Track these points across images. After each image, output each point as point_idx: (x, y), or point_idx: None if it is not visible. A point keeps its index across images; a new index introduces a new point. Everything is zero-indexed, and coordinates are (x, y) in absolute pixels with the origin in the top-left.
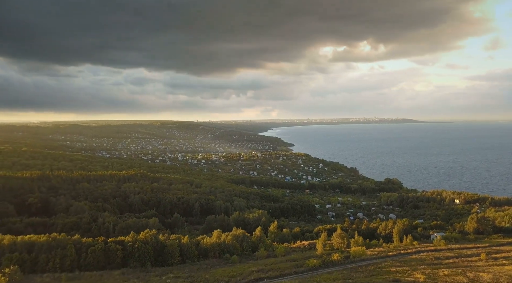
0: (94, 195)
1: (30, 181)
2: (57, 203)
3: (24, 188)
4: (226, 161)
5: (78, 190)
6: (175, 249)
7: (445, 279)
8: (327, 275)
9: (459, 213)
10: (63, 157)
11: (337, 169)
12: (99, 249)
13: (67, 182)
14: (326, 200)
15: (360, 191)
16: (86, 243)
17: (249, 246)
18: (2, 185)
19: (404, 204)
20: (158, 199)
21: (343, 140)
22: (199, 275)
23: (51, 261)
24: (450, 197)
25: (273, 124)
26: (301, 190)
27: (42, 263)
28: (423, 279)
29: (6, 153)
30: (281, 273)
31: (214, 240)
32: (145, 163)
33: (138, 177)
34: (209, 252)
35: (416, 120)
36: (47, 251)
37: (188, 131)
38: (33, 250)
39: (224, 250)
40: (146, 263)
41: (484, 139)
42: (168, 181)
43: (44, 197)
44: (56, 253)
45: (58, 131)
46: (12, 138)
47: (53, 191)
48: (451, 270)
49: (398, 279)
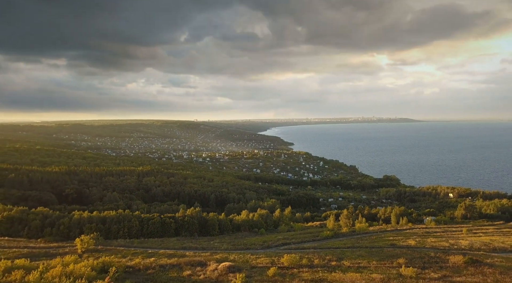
0: (120, 187)
1: (61, 175)
2: (91, 193)
3: (59, 180)
4: (230, 159)
5: (105, 182)
6: (215, 223)
7: (431, 244)
8: (339, 242)
9: (452, 205)
10: (76, 155)
11: (337, 167)
12: (157, 222)
13: (93, 176)
14: (328, 194)
15: (360, 187)
16: (145, 217)
17: (272, 223)
18: (41, 178)
19: (401, 198)
20: (177, 191)
21: (342, 139)
22: (238, 241)
23: (121, 230)
24: (445, 191)
25: (271, 123)
26: (303, 186)
27: (114, 231)
28: (414, 243)
29: (23, 151)
30: (302, 240)
31: (244, 218)
32: (154, 161)
33: (154, 172)
34: (241, 226)
35: (414, 120)
36: (116, 223)
37: (189, 131)
38: (106, 222)
39: (253, 225)
40: (193, 233)
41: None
42: (182, 176)
43: (78, 188)
44: (124, 224)
45: (62, 131)
46: (19, 137)
47: (83, 184)
48: (436, 239)
49: (395, 243)
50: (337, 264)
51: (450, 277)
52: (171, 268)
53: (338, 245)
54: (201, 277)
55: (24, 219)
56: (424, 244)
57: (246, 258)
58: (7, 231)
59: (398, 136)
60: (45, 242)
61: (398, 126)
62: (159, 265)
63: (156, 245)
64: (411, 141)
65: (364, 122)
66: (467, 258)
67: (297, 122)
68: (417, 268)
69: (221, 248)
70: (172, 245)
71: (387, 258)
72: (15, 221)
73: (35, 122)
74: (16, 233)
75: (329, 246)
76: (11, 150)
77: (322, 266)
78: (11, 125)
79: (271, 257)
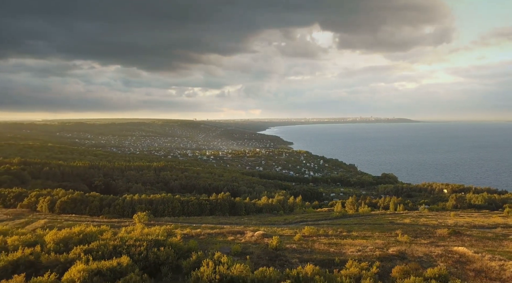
0: (141, 180)
1: (87, 169)
2: (117, 185)
3: (87, 173)
4: (233, 157)
5: (127, 176)
6: (242, 205)
7: (423, 222)
8: (347, 220)
9: (445, 199)
10: (87, 152)
11: (337, 165)
12: (196, 203)
13: (115, 170)
14: (329, 190)
15: (359, 184)
16: (184, 200)
17: (288, 207)
18: (71, 171)
19: (399, 193)
20: (192, 184)
21: (341, 139)
22: (263, 219)
23: (166, 210)
24: (439, 187)
25: (270, 123)
26: (305, 183)
27: (160, 211)
28: (409, 221)
29: (37, 148)
30: (316, 219)
31: (264, 202)
32: (161, 158)
33: (169, 167)
34: (263, 209)
35: (412, 120)
36: (161, 204)
37: (190, 130)
38: (153, 203)
39: (272, 208)
40: (225, 213)
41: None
42: (195, 171)
43: (105, 180)
44: (167, 205)
45: (65, 129)
46: (25, 136)
47: (108, 177)
48: (427, 219)
49: (393, 221)
50: (348, 234)
51: (436, 243)
52: (216, 235)
53: (347, 223)
54: (242, 241)
55: (84, 200)
56: (417, 222)
57: (273, 229)
58: (71, 210)
59: (397, 136)
60: (106, 218)
61: (396, 126)
62: (207, 233)
63: (197, 221)
64: (409, 141)
65: (362, 122)
66: (451, 230)
67: (296, 122)
68: (411, 237)
69: (251, 223)
70: (210, 221)
71: (387, 230)
72: (77, 202)
73: (37, 121)
74: (79, 212)
75: (339, 223)
76: (25, 147)
77: (336, 235)
78: (14, 124)
79: (294, 229)
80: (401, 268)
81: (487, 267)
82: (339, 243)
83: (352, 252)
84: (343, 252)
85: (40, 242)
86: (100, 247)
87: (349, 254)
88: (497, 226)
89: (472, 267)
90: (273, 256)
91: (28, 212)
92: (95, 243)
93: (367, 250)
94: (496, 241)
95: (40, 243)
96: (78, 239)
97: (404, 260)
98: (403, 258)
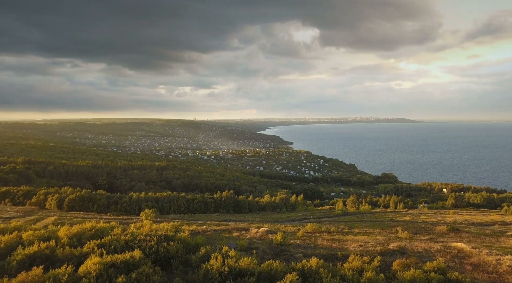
0: (144, 179)
1: (91, 168)
2: (121, 184)
3: (91, 172)
4: (234, 157)
5: (131, 175)
6: (246, 203)
7: (422, 220)
8: (348, 217)
9: (445, 198)
10: (89, 152)
11: (337, 165)
12: (201, 201)
13: (118, 169)
14: (330, 189)
15: (359, 183)
16: (189, 198)
17: (290, 205)
18: (75, 170)
19: (398, 193)
20: (195, 183)
21: (341, 139)
22: (267, 216)
23: (172, 208)
24: (439, 187)
25: (270, 123)
26: (305, 182)
27: (166, 208)
28: (409, 218)
29: (39, 148)
30: (318, 216)
31: (267, 200)
32: (162, 158)
33: (171, 167)
34: (266, 207)
35: (412, 120)
36: (167, 202)
37: (190, 130)
38: (159, 201)
39: (275, 206)
40: (229, 210)
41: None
42: (196, 171)
43: (108, 179)
44: (173, 203)
45: (65, 129)
46: (26, 135)
47: (111, 176)
48: (427, 216)
49: (394, 219)
50: (349, 231)
51: (435, 239)
52: (222, 232)
53: (348, 220)
54: (247, 237)
55: (92, 198)
56: (417, 220)
57: (277, 226)
58: (79, 208)
59: (396, 136)
60: (114, 215)
61: (396, 126)
62: (213, 230)
63: (202, 218)
64: (409, 141)
65: (363, 122)
66: (449, 227)
67: (295, 122)
68: (411, 233)
69: (255, 220)
70: (215, 218)
71: (388, 227)
72: (85, 199)
73: (37, 120)
74: (87, 209)
75: (340, 220)
76: (28, 147)
77: (338, 232)
78: (15, 123)
79: (297, 226)
80: (401, 262)
81: (484, 262)
82: (341, 239)
83: (354, 247)
84: (345, 247)
85: (54, 237)
86: (112, 242)
87: (351, 249)
88: (495, 223)
89: (470, 261)
90: (278, 251)
91: (38, 210)
92: (107, 238)
93: (369, 246)
94: (493, 237)
95: (54, 238)
96: (90, 234)
97: (404, 255)
98: (403, 253)
